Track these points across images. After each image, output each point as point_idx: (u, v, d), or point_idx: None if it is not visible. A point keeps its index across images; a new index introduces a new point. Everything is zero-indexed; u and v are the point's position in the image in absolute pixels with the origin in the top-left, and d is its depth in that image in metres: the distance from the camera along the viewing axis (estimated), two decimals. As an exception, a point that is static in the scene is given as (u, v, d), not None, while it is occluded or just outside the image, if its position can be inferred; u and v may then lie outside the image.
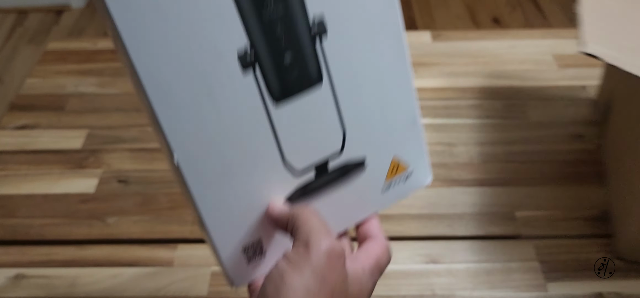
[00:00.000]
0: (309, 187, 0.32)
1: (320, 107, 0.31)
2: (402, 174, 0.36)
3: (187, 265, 0.59)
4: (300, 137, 0.31)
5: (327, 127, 0.32)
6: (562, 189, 0.66)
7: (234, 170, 0.30)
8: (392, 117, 0.33)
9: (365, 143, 0.33)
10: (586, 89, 0.80)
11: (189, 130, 0.28)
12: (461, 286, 0.57)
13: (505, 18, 2.15)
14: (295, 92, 0.30)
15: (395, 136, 0.34)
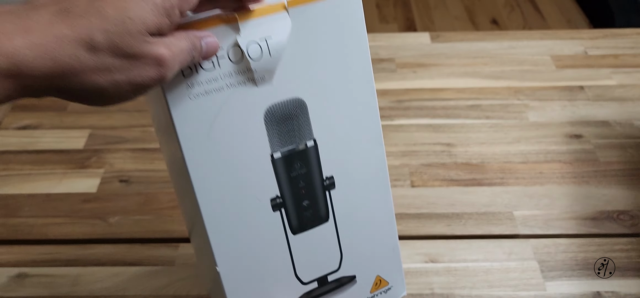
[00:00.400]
0: (312, 293, 0.42)
1: (325, 236, 0.41)
2: (383, 288, 0.46)
3: (189, 265, 0.60)
4: (309, 257, 0.41)
5: (328, 250, 0.42)
6: (560, 189, 0.67)
7: (259, 278, 0.40)
8: (378, 246, 0.44)
9: (356, 263, 0.43)
10: (584, 89, 0.81)
11: (230, 248, 0.38)
12: (460, 285, 0.57)
13: (504, 19, 2.16)
14: (308, 227, 0.40)
15: (380, 260, 0.44)
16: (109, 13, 0.26)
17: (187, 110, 0.33)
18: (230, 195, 0.37)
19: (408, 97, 0.80)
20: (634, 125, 0.75)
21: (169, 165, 0.43)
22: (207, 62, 0.33)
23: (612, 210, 0.64)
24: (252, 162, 0.37)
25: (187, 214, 0.43)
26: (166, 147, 0.40)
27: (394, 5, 2.27)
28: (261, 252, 0.39)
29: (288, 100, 0.36)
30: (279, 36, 0.34)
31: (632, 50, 0.88)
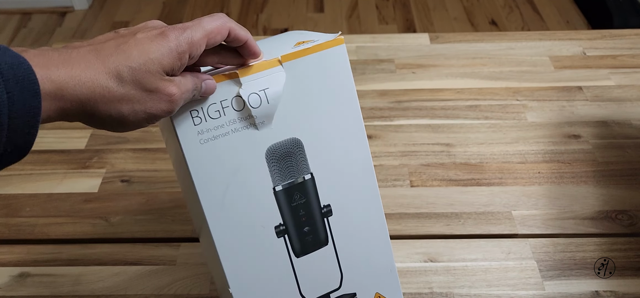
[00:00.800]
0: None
1: (326, 258, 0.45)
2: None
3: (190, 264, 0.60)
4: (312, 277, 0.45)
5: (330, 271, 0.45)
6: (559, 189, 0.67)
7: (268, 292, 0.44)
8: (376, 266, 0.47)
9: (356, 282, 0.47)
10: (583, 90, 0.81)
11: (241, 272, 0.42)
12: (459, 284, 0.57)
13: (503, 20, 2.16)
14: (310, 250, 0.44)
15: (378, 278, 0.48)
16: (133, 54, 0.32)
17: (198, 154, 0.39)
18: (240, 225, 0.41)
19: (407, 98, 0.81)
20: (632, 125, 0.75)
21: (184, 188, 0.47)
22: (214, 112, 0.39)
23: (611, 210, 0.64)
24: (257, 195, 0.41)
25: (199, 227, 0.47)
26: (182, 176, 0.44)
27: (393, 6, 2.27)
28: (269, 274, 0.43)
29: (286, 140, 0.41)
30: (275, 87, 0.40)
31: (630, 51, 0.89)
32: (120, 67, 0.31)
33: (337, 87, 0.42)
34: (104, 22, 2.24)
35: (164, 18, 2.25)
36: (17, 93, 0.28)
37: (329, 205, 0.44)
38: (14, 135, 0.29)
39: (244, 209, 0.41)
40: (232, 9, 2.30)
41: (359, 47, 0.90)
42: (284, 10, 2.28)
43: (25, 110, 0.28)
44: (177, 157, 0.42)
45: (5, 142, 0.29)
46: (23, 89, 0.28)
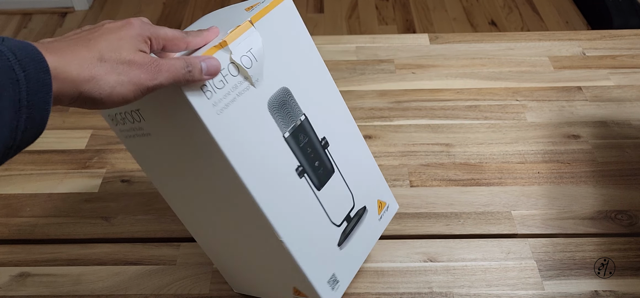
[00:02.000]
0: (346, 231, 0.52)
1: (337, 185, 0.51)
2: (384, 208, 0.57)
3: (190, 264, 0.60)
4: (335, 204, 0.50)
5: (344, 194, 0.52)
6: (558, 189, 0.67)
7: (310, 233, 0.48)
8: (369, 178, 0.55)
9: (363, 197, 0.54)
10: (582, 90, 0.81)
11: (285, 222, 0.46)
12: (458, 284, 0.58)
13: (502, 21, 2.16)
14: (325, 181, 0.50)
15: (375, 187, 0.56)
16: (109, 37, 0.37)
17: (219, 125, 0.41)
18: (271, 179, 0.45)
19: (407, 98, 0.81)
20: (632, 125, 0.76)
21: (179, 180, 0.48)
22: (219, 82, 0.41)
23: (610, 210, 0.64)
24: (274, 146, 0.45)
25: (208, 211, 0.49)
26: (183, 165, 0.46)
27: (393, 6, 2.28)
28: (304, 215, 0.48)
29: (277, 91, 0.45)
30: (257, 45, 0.44)
31: (629, 51, 0.89)
32: (101, 49, 0.36)
33: (296, 35, 0.47)
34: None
35: (164, 19, 2.25)
36: (31, 70, 0.30)
37: (325, 137, 0.50)
38: (33, 110, 0.31)
39: (268, 162, 0.45)
40: (232, 9, 2.30)
41: (358, 48, 0.91)
42: (283, 10, 2.27)
43: (39, 86, 0.31)
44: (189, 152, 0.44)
45: (26, 118, 0.31)
46: (36, 67, 0.31)
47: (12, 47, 0.31)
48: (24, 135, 0.31)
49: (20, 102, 0.30)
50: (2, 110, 0.29)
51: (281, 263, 0.48)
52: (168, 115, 0.42)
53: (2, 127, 0.29)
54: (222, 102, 0.41)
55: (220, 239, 0.52)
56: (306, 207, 0.48)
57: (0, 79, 0.29)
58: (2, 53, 0.30)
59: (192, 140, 0.42)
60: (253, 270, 0.53)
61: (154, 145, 0.46)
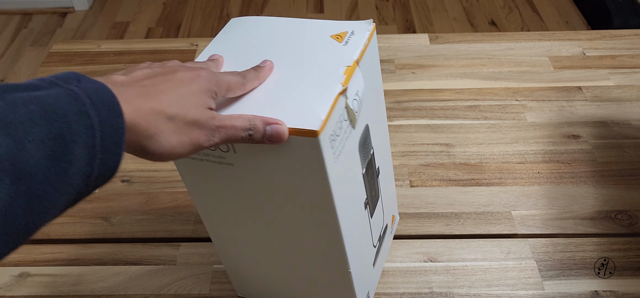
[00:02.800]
0: (377, 250, 0.55)
1: (379, 209, 0.53)
2: (395, 221, 0.61)
3: (190, 264, 0.60)
4: (376, 227, 0.53)
5: (381, 216, 0.54)
6: (558, 189, 0.67)
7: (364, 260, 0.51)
8: (391, 196, 0.58)
9: (387, 215, 0.57)
10: (582, 90, 0.81)
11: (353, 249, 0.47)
12: (458, 284, 0.58)
13: (502, 21, 2.16)
14: (375, 208, 0.52)
15: (392, 204, 0.59)
16: (178, 91, 0.36)
17: (335, 172, 0.40)
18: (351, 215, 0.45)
19: (407, 98, 0.81)
20: (632, 125, 0.76)
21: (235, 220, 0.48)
22: (338, 129, 0.40)
23: (610, 210, 0.64)
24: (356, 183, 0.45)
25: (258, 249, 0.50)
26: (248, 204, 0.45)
27: (393, 6, 2.28)
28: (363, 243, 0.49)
29: (364, 128, 0.45)
30: (361, 86, 0.42)
31: (629, 51, 0.89)
32: (171, 105, 0.35)
33: (376, 68, 0.47)
34: (104, 22, 2.24)
35: (164, 19, 2.25)
36: (105, 116, 0.30)
37: (379, 166, 0.50)
38: (106, 156, 0.30)
39: (352, 199, 0.45)
40: (232, 9, 2.31)
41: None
42: (284, 10, 2.28)
43: (113, 131, 0.30)
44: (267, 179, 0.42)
45: (99, 164, 0.30)
46: (110, 112, 0.30)
47: (87, 90, 0.30)
48: (96, 181, 0.31)
49: (95, 148, 0.29)
50: (76, 157, 0.28)
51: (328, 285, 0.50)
52: (271, 154, 0.39)
53: (75, 174, 0.29)
54: (338, 149, 0.40)
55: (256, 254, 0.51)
56: (364, 235, 0.49)
57: (76, 124, 0.28)
58: (78, 97, 0.29)
59: (293, 180, 0.40)
60: (280, 281, 0.52)
61: (230, 175, 0.43)
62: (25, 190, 0.26)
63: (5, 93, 0.27)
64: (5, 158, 0.25)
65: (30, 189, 0.26)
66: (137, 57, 0.91)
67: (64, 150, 0.28)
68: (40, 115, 0.27)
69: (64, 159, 0.28)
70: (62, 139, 0.28)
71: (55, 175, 0.27)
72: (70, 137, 0.28)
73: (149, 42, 0.95)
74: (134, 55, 0.91)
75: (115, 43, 0.94)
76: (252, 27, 0.47)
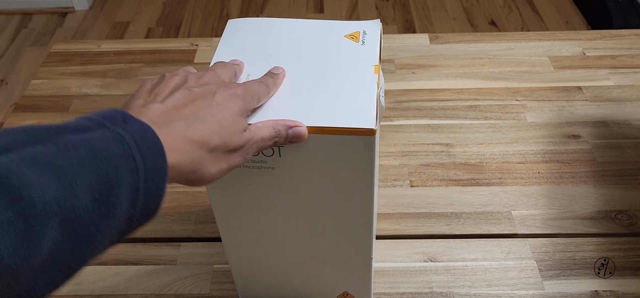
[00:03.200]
0: None
1: None
2: None
3: (190, 264, 0.60)
4: None
5: None
6: (558, 189, 0.67)
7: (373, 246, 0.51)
8: None
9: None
10: (582, 90, 0.81)
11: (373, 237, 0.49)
12: (459, 284, 0.58)
13: (502, 20, 2.16)
14: None
15: None
16: (219, 118, 0.36)
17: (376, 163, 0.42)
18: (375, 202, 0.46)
19: (407, 98, 0.81)
20: (632, 125, 0.76)
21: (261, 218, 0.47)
22: None
23: (610, 210, 0.64)
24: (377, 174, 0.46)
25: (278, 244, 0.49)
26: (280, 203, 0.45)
27: (393, 6, 2.28)
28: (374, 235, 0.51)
29: None
30: (383, 84, 0.44)
31: (629, 51, 0.89)
32: (212, 136, 0.35)
33: None
34: (104, 22, 2.24)
35: (164, 19, 2.25)
36: (150, 159, 0.30)
37: None
38: (148, 198, 0.31)
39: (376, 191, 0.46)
40: (232, 9, 2.31)
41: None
42: (284, 10, 2.28)
43: (156, 174, 0.31)
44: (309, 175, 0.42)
45: (141, 206, 0.30)
46: (154, 154, 0.31)
47: (133, 132, 0.30)
48: (138, 222, 0.31)
49: (138, 191, 0.30)
50: (121, 200, 0.29)
51: (345, 273, 0.51)
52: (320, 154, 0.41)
53: (119, 216, 0.29)
54: None
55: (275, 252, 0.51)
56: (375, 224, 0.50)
57: (122, 168, 0.29)
58: (124, 140, 0.30)
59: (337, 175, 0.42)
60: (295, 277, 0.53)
61: (268, 178, 0.43)
62: (71, 233, 0.27)
63: (57, 135, 0.28)
64: (55, 202, 0.25)
65: (76, 232, 0.27)
66: (137, 57, 0.91)
67: (111, 194, 0.28)
68: (89, 160, 0.28)
69: (110, 203, 0.28)
70: (109, 182, 0.28)
71: (100, 217, 0.28)
72: (117, 181, 0.28)
73: (149, 42, 0.95)
74: (134, 55, 0.91)
75: (115, 43, 0.94)
76: (258, 29, 0.48)
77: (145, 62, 0.89)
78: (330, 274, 0.52)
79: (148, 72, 0.87)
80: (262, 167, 0.42)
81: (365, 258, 0.49)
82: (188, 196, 0.68)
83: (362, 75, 0.43)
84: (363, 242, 0.48)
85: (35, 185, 0.25)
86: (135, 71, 0.88)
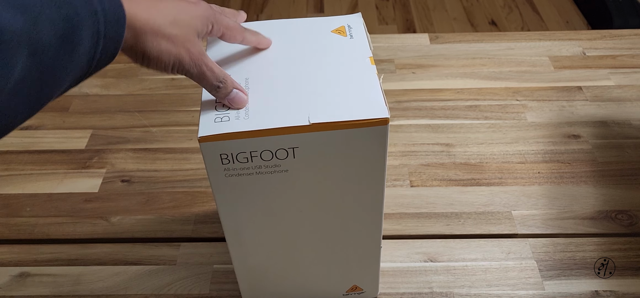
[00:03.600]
0: None
1: None
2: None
3: (190, 264, 0.60)
4: None
5: None
6: (559, 189, 0.67)
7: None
8: None
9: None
10: (582, 90, 0.81)
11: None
12: (459, 284, 0.58)
13: (503, 20, 2.16)
14: None
15: None
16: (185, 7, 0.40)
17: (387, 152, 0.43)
18: None
19: (407, 98, 0.81)
20: (632, 125, 0.76)
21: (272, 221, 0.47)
22: None
23: (610, 210, 0.64)
24: None
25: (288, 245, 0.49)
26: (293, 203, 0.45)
27: (393, 6, 2.28)
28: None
29: None
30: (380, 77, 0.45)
31: (629, 51, 0.89)
32: (168, 12, 0.39)
33: None
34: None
35: (164, 18, 2.25)
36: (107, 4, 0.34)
37: None
38: (108, 42, 0.34)
39: None
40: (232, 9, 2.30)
41: (358, 48, 0.91)
42: (284, 10, 2.28)
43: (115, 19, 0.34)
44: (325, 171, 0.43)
45: (102, 49, 0.34)
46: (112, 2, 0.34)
47: None
48: (98, 64, 0.34)
49: (99, 34, 0.33)
50: (82, 40, 0.32)
51: (355, 265, 0.52)
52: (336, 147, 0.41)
53: (81, 55, 0.32)
54: None
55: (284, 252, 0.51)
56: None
57: (83, 11, 0.32)
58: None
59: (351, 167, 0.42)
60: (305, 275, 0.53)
61: (283, 181, 0.43)
62: (38, 63, 0.30)
63: None
64: (23, 32, 0.28)
65: (43, 63, 0.30)
66: (137, 57, 0.90)
67: (72, 32, 0.31)
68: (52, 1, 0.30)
69: (72, 40, 0.31)
70: (70, 22, 0.31)
71: (64, 53, 0.31)
72: (77, 22, 0.31)
73: (149, 42, 0.94)
74: (134, 55, 0.91)
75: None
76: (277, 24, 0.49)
77: (145, 62, 0.89)
78: (341, 269, 0.52)
79: (148, 72, 0.87)
80: (275, 171, 0.42)
81: (375, 248, 0.50)
82: (188, 196, 0.68)
83: (360, 67, 0.43)
84: (374, 231, 0.48)
85: (4, 16, 0.27)
86: (135, 71, 0.88)
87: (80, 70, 0.33)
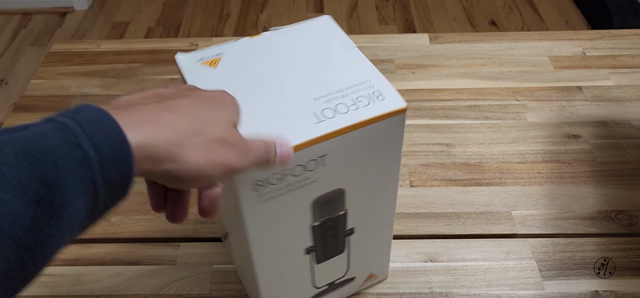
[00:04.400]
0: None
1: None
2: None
3: (190, 264, 0.60)
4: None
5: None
6: (559, 189, 0.67)
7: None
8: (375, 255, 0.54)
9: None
10: (582, 90, 0.81)
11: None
12: (459, 284, 0.58)
13: (503, 20, 2.16)
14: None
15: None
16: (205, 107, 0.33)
17: None
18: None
19: (407, 98, 0.81)
20: (632, 125, 0.76)
21: None
22: None
23: (610, 210, 0.64)
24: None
25: None
26: None
27: (393, 6, 2.28)
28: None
29: None
30: None
31: (629, 51, 0.89)
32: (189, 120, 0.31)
33: None
34: (104, 22, 2.24)
35: (164, 18, 2.25)
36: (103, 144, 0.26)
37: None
38: (112, 189, 0.27)
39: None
40: (232, 9, 2.30)
41: (358, 48, 0.90)
42: (284, 10, 2.28)
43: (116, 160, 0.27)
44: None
45: (104, 199, 0.27)
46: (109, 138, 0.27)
47: (81, 120, 0.26)
48: (104, 213, 0.28)
49: (95, 182, 0.26)
50: (69, 197, 0.25)
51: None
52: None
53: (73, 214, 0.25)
54: None
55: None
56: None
57: (64, 161, 0.25)
58: (68, 129, 0.26)
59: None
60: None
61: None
62: (12, 243, 0.23)
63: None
64: None
65: (19, 240, 0.23)
66: (136, 56, 0.90)
67: (51, 192, 0.24)
68: (16, 159, 0.24)
69: (53, 203, 0.24)
70: (45, 180, 0.24)
71: (45, 220, 0.24)
72: (56, 177, 0.24)
73: (149, 42, 0.95)
74: (133, 55, 0.91)
75: (115, 43, 0.94)
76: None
77: (145, 62, 0.89)
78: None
79: (148, 72, 0.87)
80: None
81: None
82: (188, 196, 0.67)
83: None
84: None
85: None
86: (134, 71, 0.88)
87: (79, 226, 0.26)
